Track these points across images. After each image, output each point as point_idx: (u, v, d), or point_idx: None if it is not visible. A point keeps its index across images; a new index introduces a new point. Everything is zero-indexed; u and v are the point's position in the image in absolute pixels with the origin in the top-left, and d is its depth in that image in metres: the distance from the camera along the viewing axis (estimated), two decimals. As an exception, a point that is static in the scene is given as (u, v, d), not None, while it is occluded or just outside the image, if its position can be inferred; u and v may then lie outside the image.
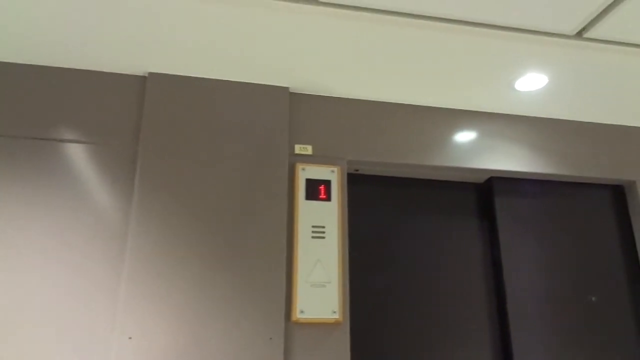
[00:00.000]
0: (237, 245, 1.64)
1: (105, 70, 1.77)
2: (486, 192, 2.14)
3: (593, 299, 2.03)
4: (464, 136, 2.04)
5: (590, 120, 2.20)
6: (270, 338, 1.58)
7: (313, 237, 1.71)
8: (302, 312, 1.62)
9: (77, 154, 1.67)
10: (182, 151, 1.71)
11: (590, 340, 1.97)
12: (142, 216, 1.61)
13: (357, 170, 1.99)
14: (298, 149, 1.83)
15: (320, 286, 1.66)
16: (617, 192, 2.24)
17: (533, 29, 1.57)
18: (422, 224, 2.04)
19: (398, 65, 1.77)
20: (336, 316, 1.64)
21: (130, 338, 1.49)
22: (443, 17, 1.51)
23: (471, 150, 2.02)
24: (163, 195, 1.65)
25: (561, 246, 2.08)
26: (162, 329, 1.52)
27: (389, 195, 2.05)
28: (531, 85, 1.89)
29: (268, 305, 1.60)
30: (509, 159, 2.06)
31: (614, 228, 2.18)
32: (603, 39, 1.62)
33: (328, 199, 1.77)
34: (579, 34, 1.60)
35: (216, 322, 1.56)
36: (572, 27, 1.56)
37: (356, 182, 2.00)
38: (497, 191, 2.09)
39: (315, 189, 1.77)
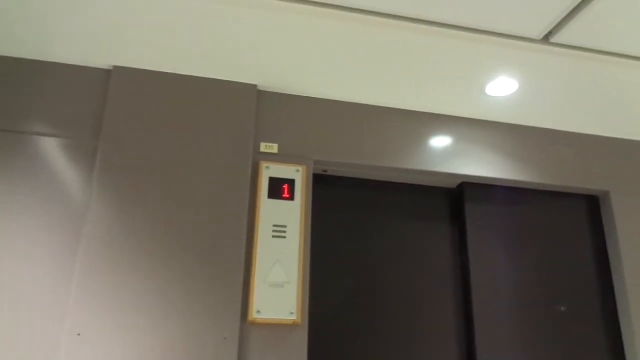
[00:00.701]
0: (194, 242, 1.62)
1: (69, 62, 1.74)
2: (457, 198, 2.12)
3: (562, 308, 2.01)
4: (436, 140, 2.02)
5: (563, 129, 2.18)
6: (225, 338, 1.54)
7: (274, 236, 1.69)
8: (258, 312, 1.59)
9: (38, 146, 1.64)
10: (144, 146, 1.69)
11: (557, 350, 1.95)
12: (99, 211, 1.58)
13: (325, 171, 1.97)
14: (263, 147, 1.81)
15: (278, 286, 1.63)
16: (591, 202, 2.22)
17: (500, 31, 1.56)
18: (390, 228, 2.02)
19: (369, 65, 1.76)
20: (294, 317, 1.61)
21: (79, 334, 1.46)
22: (412, 17, 1.50)
23: (442, 154, 2.01)
24: (121, 190, 1.62)
25: (531, 255, 2.06)
26: (112, 327, 1.48)
27: (358, 197, 2.03)
28: (502, 90, 1.88)
29: (223, 304, 1.57)
30: (481, 164, 2.04)
31: (586, 238, 2.16)
32: (570, 45, 1.61)
33: (291, 198, 1.75)
34: (546, 39, 1.59)
35: (169, 320, 1.52)
36: (538, 32, 1.55)
37: (324, 182, 1.98)
38: (467, 197, 2.07)
39: (279, 188, 1.75)
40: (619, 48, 1.62)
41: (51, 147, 1.65)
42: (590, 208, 2.21)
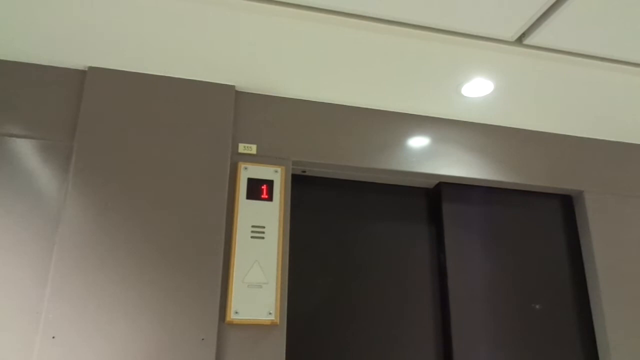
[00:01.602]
0: (171, 243, 1.61)
1: (43, 63, 1.72)
2: (435, 198, 2.14)
3: (537, 307, 2.04)
4: (414, 141, 2.04)
5: (538, 129, 2.22)
6: (203, 339, 1.54)
7: (252, 237, 1.68)
8: (236, 312, 1.59)
9: (12, 148, 1.62)
10: (120, 148, 1.67)
11: (531, 347, 1.98)
12: (74, 213, 1.56)
13: (304, 172, 1.98)
14: (242, 148, 1.81)
15: (256, 287, 1.63)
16: (565, 202, 2.26)
17: (475, 33, 1.59)
18: (369, 228, 2.03)
19: (346, 67, 1.77)
20: (272, 318, 1.61)
21: (53, 337, 1.44)
22: (389, 19, 1.51)
23: (420, 154, 2.03)
24: (97, 192, 1.60)
25: (507, 254, 2.09)
26: (87, 329, 1.47)
27: (337, 197, 2.04)
28: (478, 91, 1.91)
29: (201, 305, 1.57)
30: (458, 165, 2.07)
31: (561, 237, 2.20)
32: (543, 47, 1.64)
33: (270, 199, 1.75)
34: (519, 40, 1.61)
35: (146, 321, 1.51)
36: (512, 33, 1.57)
37: (303, 183, 1.98)
38: (445, 197, 2.10)
39: (257, 189, 1.75)
40: (592, 50, 1.65)
41: (25, 149, 1.63)
42: (565, 207, 2.25)
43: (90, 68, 1.73)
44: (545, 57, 1.69)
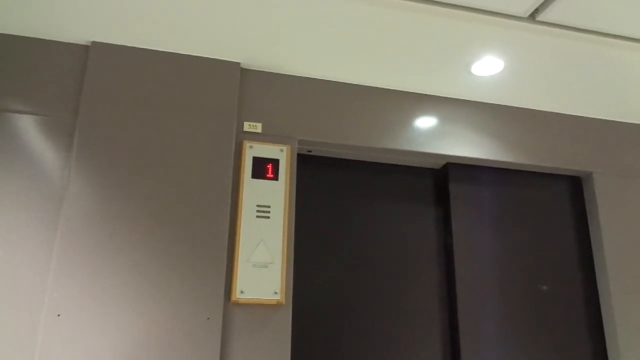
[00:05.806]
0: (176, 223, 1.59)
1: (45, 37, 1.69)
2: (442, 178, 2.12)
3: (544, 288, 2.03)
4: (421, 120, 2.01)
5: (548, 110, 2.19)
6: (208, 318, 1.53)
7: (258, 216, 1.67)
8: (242, 292, 1.58)
9: (14, 124, 1.59)
10: (124, 125, 1.65)
11: (539, 329, 1.97)
12: (78, 190, 1.55)
13: (309, 151, 1.95)
14: (247, 126, 1.78)
15: (262, 266, 1.62)
16: (574, 183, 2.24)
17: (486, 9, 1.55)
18: (375, 208, 2.01)
19: (354, 44, 1.73)
20: (277, 297, 1.60)
21: (59, 315, 1.43)
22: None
23: (428, 134, 2.00)
24: (100, 169, 1.58)
25: (515, 235, 2.07)
26: (92, 308, 1.46)
27: (343, 177, 2.02)
28: (488, 69, 1.87)
29: (207, 285, 1.55)
30: (466, 145, 2.04)
31: (569, 219, 2.17)
32: (557, 23, 1.60)
33: (275, 178, 1.72)
34: (532, 17, 1.57)
35: (151, 300, 1.50)
36: (525, 9, 1.53)
37: (308, 163, 1.96)
38: (452, 177, 2.07)
39: (263, 168, 1.72)
40: (606, 27, 1.61)
41: (28, 125, 1.60)
42: (573, 189, 2.22)
43: (94, 43, 1.69)
44: (558, 34, 1.65)
